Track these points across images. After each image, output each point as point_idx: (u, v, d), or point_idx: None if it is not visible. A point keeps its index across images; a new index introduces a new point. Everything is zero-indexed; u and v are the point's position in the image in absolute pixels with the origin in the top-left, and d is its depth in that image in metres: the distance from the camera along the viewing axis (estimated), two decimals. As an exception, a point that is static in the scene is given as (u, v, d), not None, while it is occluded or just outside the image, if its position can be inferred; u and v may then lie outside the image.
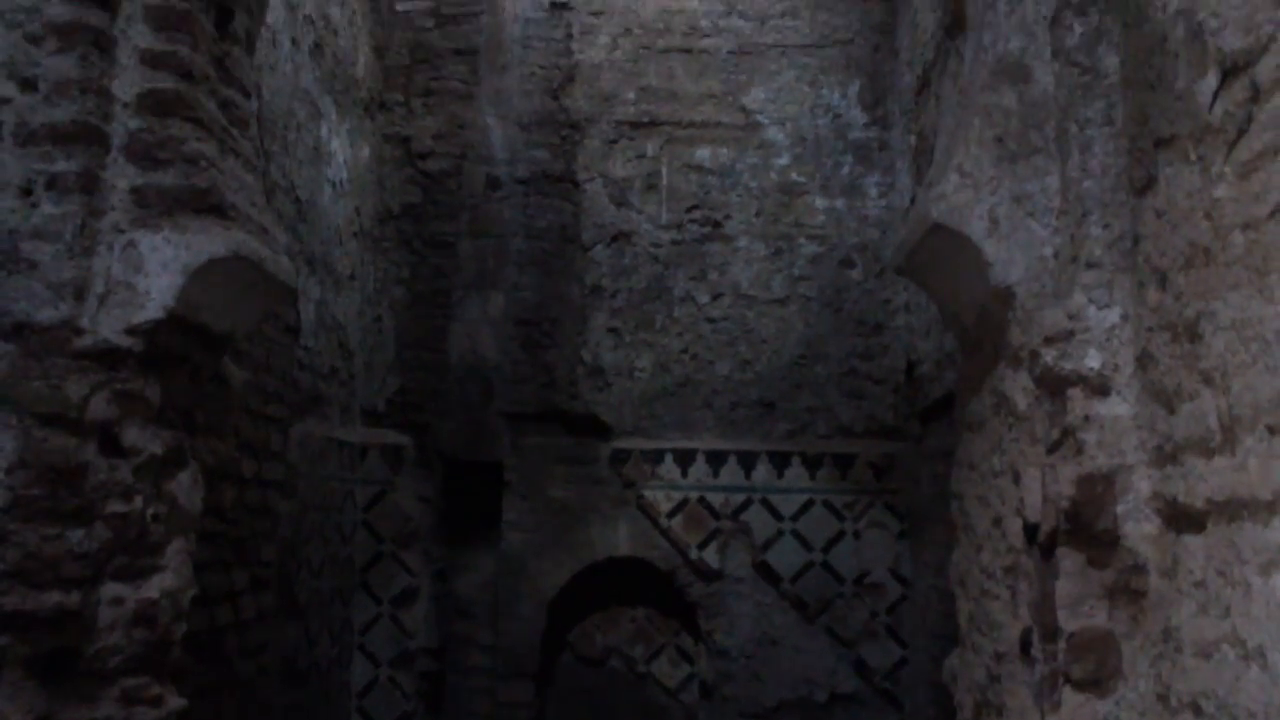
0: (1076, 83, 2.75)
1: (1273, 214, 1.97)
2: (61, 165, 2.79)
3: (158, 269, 2.81)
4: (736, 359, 7.78)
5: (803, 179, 7.97)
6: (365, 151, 7.67)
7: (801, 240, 7.89)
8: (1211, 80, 2.21)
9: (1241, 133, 2.09)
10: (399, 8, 8.26)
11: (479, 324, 7.82)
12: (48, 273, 2.74)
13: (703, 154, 7.98)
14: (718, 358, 7.78)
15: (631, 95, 8.07)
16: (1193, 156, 2.29)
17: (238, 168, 3.17)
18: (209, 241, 2.84)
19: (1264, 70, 2.01)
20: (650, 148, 7.99)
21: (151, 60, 2.94)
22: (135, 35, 2.95)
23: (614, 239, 7.89)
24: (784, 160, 7.99)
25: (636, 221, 7.91)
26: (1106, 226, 2.64)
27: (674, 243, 7.88)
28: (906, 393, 7.61)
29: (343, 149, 7.12)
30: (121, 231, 2.84)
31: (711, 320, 7.81)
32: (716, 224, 7.90)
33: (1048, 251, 2.72)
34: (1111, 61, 2.73)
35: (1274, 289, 1.96)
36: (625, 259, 7.87)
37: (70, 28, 2.85)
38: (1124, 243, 2.63)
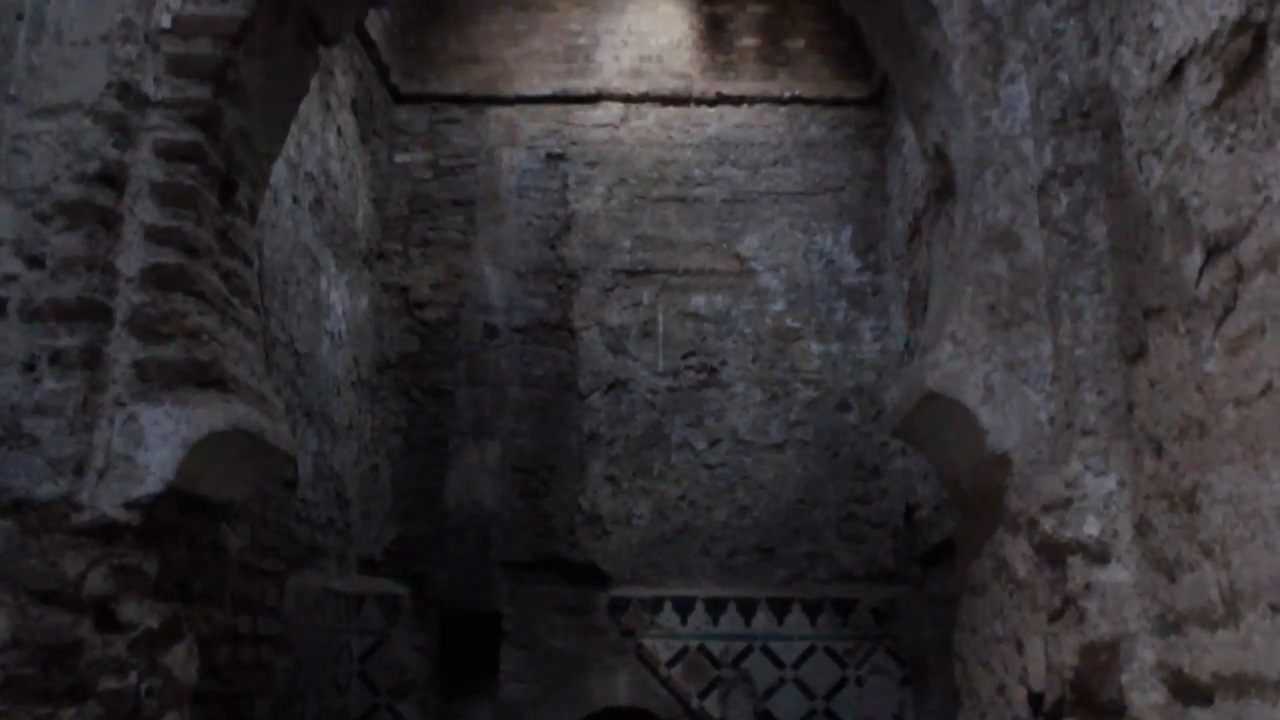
0: (1065, 251, 2.80)
1: (1263, 392, 1.99)
2: (65, 341, 2.82)
3: (158, 442, 2.82)
4: (734, 505, 7.76)
5: (797, 324, 8.05)
6: (364, 301, 7.75)
7: (797, 385, 7.94)
8: (1196, 256, 2.25)
9: (1228, 310, 2.12)
10: (398, 160, 8.44)
11: (476, 472, 7.81)
12: (48, 448, 2.75)
13: (698, 301, 8.08)
14: (716, 504, 7.77)
15: (627, 244, 8.20)
16: (1182, 329, 2.33)
17: (239, 337, 3.20)
18: (209, 415, 2.86)
19: (1247, 251, 2.05)
20: (646, 295, 8.09)
21: (156, 236, 2.99)
22: (141, 211, 3.01)
23: (611, 386, 7.94)
24: (779, 306, 8.08)
25: (633, 369, 7.97)
26: (1100, 393, 2.67)
27: (671, 389, 7.93)
28: (906, 537, 7.58)
29: (342, 300, 7.20)
30: (123, 405, 2.86)
31: (709, 466, 7.81)
32: (713, 370, 7.96)
33: (1043, 417, 2.74)
34: (1099, 231, 2.78)
35: (1269, 467, 1.97)
36: (622, 406, 7.91)
37: (79, 206, 2.90)
38: (1118, 409, 2.65)
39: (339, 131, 7.15)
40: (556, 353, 8.02)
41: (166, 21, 3.17)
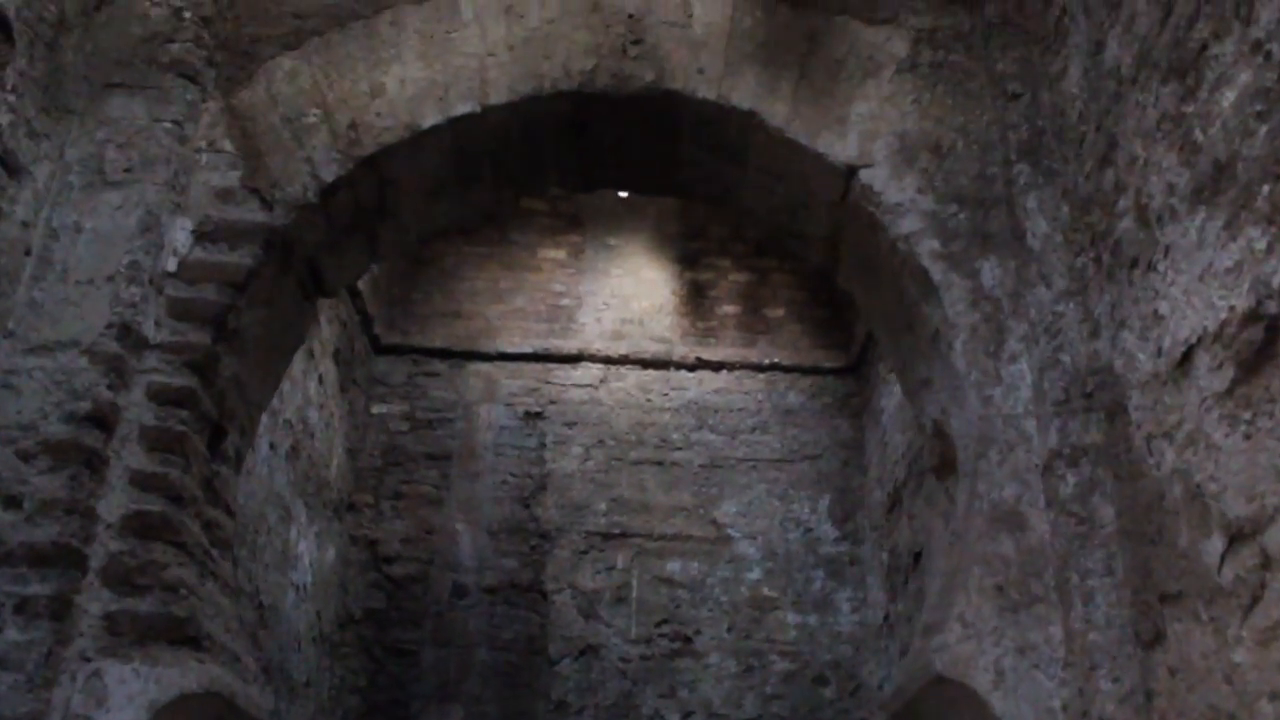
0: (1073, 532, 2.75)
1: (1302, 689, 1.91)
2: (34, 588, 2.69)
3: (122, 703, 2.65)
4: (706, 784, 7.42)
5: (774, 593, 7.90)
6: (331, 553, 7.57)
7: (773, 657, 7.72)
8: (1217, 543, 2.20)
9: (1256, 599, 2.06)
10: (374, 410, 8.41)
11: (438, 739, 7.47)
12: (2, 706, 2.57)
13: (673, 567, 7.94)
14: (687, 783, 7.42)
15: (603, 506, 8.11)
16: (1204, 617, 2.26)
17: (216, 591, 3.08)
18: (181, 675, 2.70)
19: (1273, 540, 2.01)
20: (620, 559, 7.95)
21: (141, 482, 2.90)
22: (128, 456, 2.93)
23: (582, 652, 7.69)
24: (755, 574, 7.94)
25: (605, 635, 7.74)
26: (1116, 680, 2.57)
27: (643, 658, 7.68)
28: (884, 823, 7.23)
29: (310, 551, 7.03)
30: (88, 660, 2.70)
31: (682, 741, 7.50)
32: (687, 639, 7.74)
33: (1056, 704, 2.63)
34: (1107, 512, 2.75)
35: (1314, 770, 1.87)
36: (593, 674, 7.64)
37: (65, 447, 2.83)
38: (1136, 698, 2.55)
39: (320, 379, 7.14)
40: (527, 615, 7.80)
41: (173, 265, 3.18)
